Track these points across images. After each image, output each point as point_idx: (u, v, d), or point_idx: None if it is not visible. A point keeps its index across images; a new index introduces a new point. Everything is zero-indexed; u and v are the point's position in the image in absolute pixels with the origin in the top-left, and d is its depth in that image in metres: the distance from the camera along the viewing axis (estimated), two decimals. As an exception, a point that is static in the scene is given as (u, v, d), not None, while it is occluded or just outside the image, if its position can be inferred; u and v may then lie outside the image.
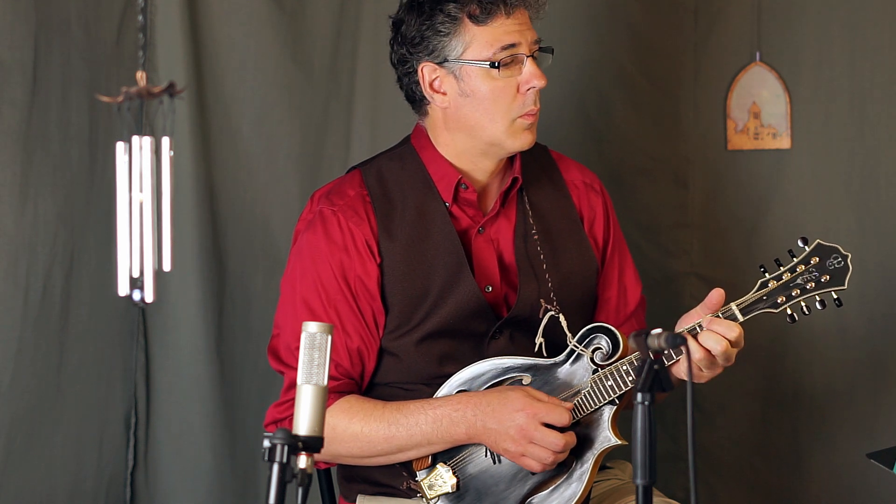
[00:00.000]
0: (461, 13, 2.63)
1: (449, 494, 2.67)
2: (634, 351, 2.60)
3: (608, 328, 2.64)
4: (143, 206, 1.79)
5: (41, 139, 3.01)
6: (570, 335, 2.66)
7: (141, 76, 1.79)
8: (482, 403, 2.62)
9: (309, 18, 3.30)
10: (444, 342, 2.70)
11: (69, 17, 3.05)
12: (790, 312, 2.58)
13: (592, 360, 2.63)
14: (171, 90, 1.78)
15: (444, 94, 2.68)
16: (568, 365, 2.65)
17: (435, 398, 2.67)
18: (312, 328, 2.01)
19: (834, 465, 3.37)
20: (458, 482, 2.67)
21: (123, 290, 1.80)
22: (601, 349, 2.63)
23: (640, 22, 3.40)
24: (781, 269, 2.58)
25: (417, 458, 2.68)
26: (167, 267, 1.81)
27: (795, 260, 2.58)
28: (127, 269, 1.79)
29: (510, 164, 2.78)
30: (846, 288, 2.57)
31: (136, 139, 1.79)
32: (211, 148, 3.26)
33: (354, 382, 2.72)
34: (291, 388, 2.68)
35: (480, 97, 2.66)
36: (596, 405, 2.61)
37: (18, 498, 3.04)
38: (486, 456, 2.67)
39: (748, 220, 3.40)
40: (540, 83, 2.65)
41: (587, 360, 2.63)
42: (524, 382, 2.66)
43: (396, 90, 2.79)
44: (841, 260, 2.57)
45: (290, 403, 2.65)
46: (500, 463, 2.65)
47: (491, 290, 2.72)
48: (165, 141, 1.80)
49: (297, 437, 1.98)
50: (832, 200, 3.35)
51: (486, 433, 2.61)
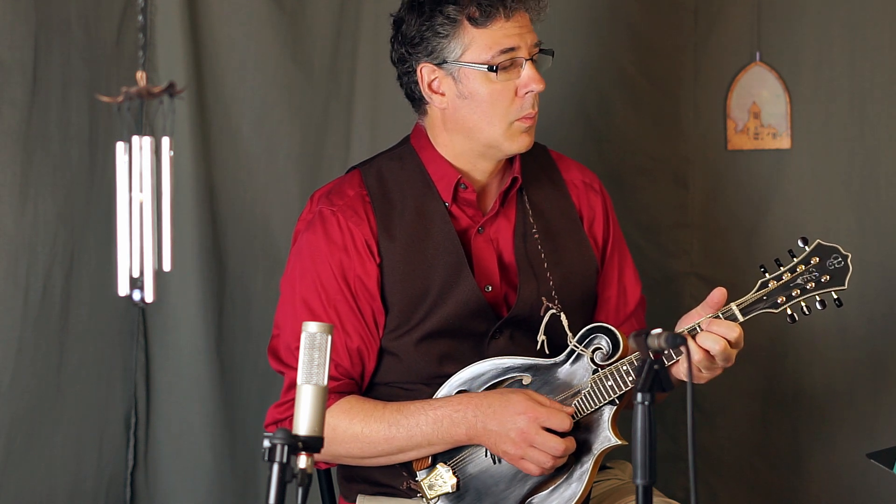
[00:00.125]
0: (460, 15, 2.63)
1: (449, 494, 2.67)
2: (634, 351, 2.60)
3: (608, 328, 2.64)
4: (143, 206, 1.79)
5: (41, 139, 3.01)
6: (570, 334, 2.66)
7: (141, 76, 1.79)
8: (483, 405, 2.62)
9: (309, 18, 3.30)
10: (443, 342, 2.70)
11: (69, 17, 3.04)
12: (790, 312, 2.58)
13: (592, 360, 2.63)
14: (171, 90, 1.78)
15: (442, 94, 2.68)
16: (568, 365, 2.65)
17: (435, 399, 2.67)
18: (312, 328, 2.01)
19: (834, 465, 3.37)
20: (458, 482, 2.67)
21: (123, 290, 1.80)
22: (601, 349, 2.63)
23: (640, 22, 3.40)
24: (781, 269, 2.58)
25: (418, 458, 2.68)
26: (167, 267, 1.81)
27: (795, 260, 2.58)
28: (127, 269, 1.79)
29: (510, 163, 2.78)
30: (846, 288, 2.57)
31: (136, 139, 1.79)
32: (211, 148, 3.26)
33: (354, 382, 2.72)
34: (291, 388, 2.68)
35: (479, 100, 2.65)
36: (596, 405, 2.61)
37: (18, 498, 3.04)
38: (486, 456, 2.66)
39: (748, 220, 3.40)
40: (538, 87, 2.65)
41: (587, 360, 2.63)
42: (524, 382, 2.66)
43: (396, 90, 2.79)
44: (841, 260, 2.57)
45: (290, 403, 2.65)
46: (500, 463, 2.65)
47: (491, 289, 2.72)
48: (165, 141, 1.80)
49: (297, 437, 1.98)
50: (832, 200, 3.35)
51: (486, 434, 2.61)
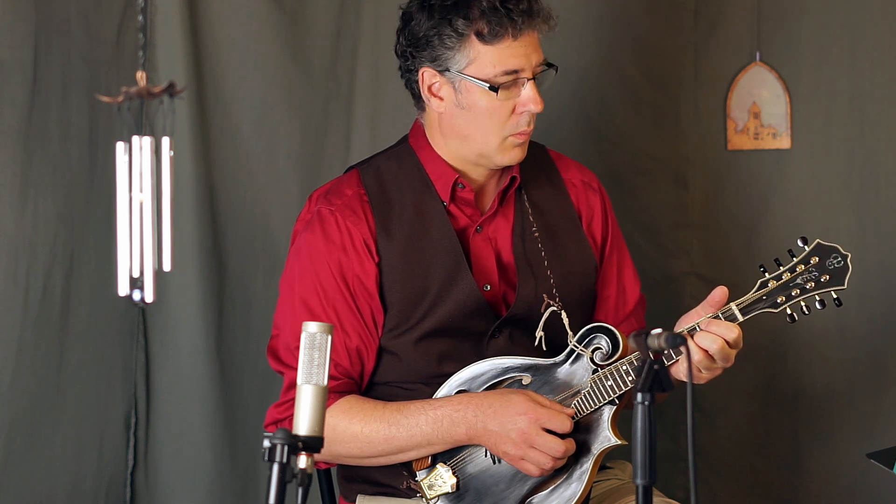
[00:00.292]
0: (469, 30, 2.60)
1: (449, 494, 2.67)
2: (634, 351, 2.60)
3: (608, 328, 2.64)
4: (143, 206, 1.79)
5: (41, 139, 3.01)
6: (570, 334, 2.66)
7: (141, 76, 1.79)
8: (483, 405, 2.62)
9: (309, 18, 3.30)
10: (443, 341, 2.70)
11: (69, 17, 3.04)
12: (790, 312, 2.58)
13: (592, 359, 2.63)
14: (171, 90, 1.78)
15: (441, 99, 2.68)
16: (568, 365, 2.65)
17: (435, 399, 2.67)
18: (312, 328, 2.01)
19: (834, 465, 3.37)
20: (457, 482, 2.67)
21: (123, 290, 1.80)
22: (601, 349, 2.63)
23: (640, 22, 3.40)
24: (781, 268, 2.58)
25: (418, 458, 2.68)
26: (167, 267, 1.81)
27: (795, 260, 2.58)
28: (127, 269, 1.79)
29: (509, 163, 2.78)
30: (846, 287, 2.56)
31: (136, 139, 1.79)
32: (211, 148, 3.26)
33: (354, 382, 2.72)
34: (291, 388, 2.68)
35: (476, 112, 2.64)
36: (596, 405, 2.61)
37: (18, 498, 3.04)
38: (485, 456, 2.66)
39: (748, 220, 3.40)
40: (536, 108, 2.63)
41: (587, 359, 2.63)
42: (524, 382, 2.66)
43: (396, 90, 2.79)
44: (840, 259, 2.57)
45: (289, 403, 2.65)
46: (499, 463, 2.65)
47: (490, 288, 2.72)
48: (165, 141, 1.80)
49: (297, 437, 1.98)
50: (832, 200, 3.35)
51: (486, 435, 2.61)
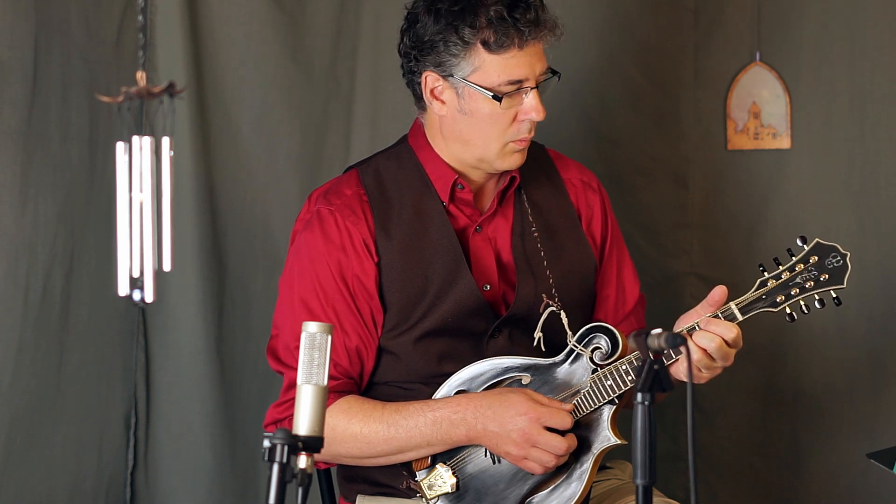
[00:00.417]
0: (475, 38, 2.60)
1: (448, 494, 2.67)
2: (633, 350, 2.60)
3: (607, 328, 2.64)
4: (143, 206, 1.79)
5: (41, 139, 3.01)
6: (570, 333, 2.66)
7: (141, 76, 1.79)
8: (482, 405, 2.61)
9: (309, 18, 3.30)
10: (442, 341, 2.70)
11: (69, 17, 3.04)
12: (789, 311, 2.58)
13: (592, 359, 2.63)
14: (171, 90, 1.78)
15: (443, 102, 2.67)
16: (567, 364, 2.65)
17: (434, 399, 2.67)
18: (312, 328, 2.01)
19: (834, 465, 3.37)
20: (457, 482, 2.67)
21: (123, 290, 1.80)
22: (600, 349, 2.63)
23: (640, 22, 3.40)
24: (780, 268, 2.58)
25: (418, 458, 2.68)
26: (167, 267, 1.81)
27: (794, 259, 2.58)
28: (127, 269, 1.79)
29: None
30: (845, 287, 2.56)
31: (136, 139, 1.79)
32: (211, 148, 3.26)
33: (354, 382, 2.72)
34: (291, 388, 2.68)
35: (478, 118, 2.64)
36: (595, 405, 2.61)
37: (18, 498, 3.04)
38: (485, 456, 2.66)
39: (748, 220, 3.40)
40: (538, 117, 2.63)
41: (586, 359, 2.63)
42: (523, 382, 2.66)
43: (396, 90, 2.79)
44: (840, 259, 2.57)
45: (289, 403, 2.65)
46: (499, 463, 2.65)
47: (489, 288, 2.72)
48: (165, 141, 1.80)
49: (297, 437, 1.98)
50: (832, 200, 3.35)
51: (486, 436, 2.61)
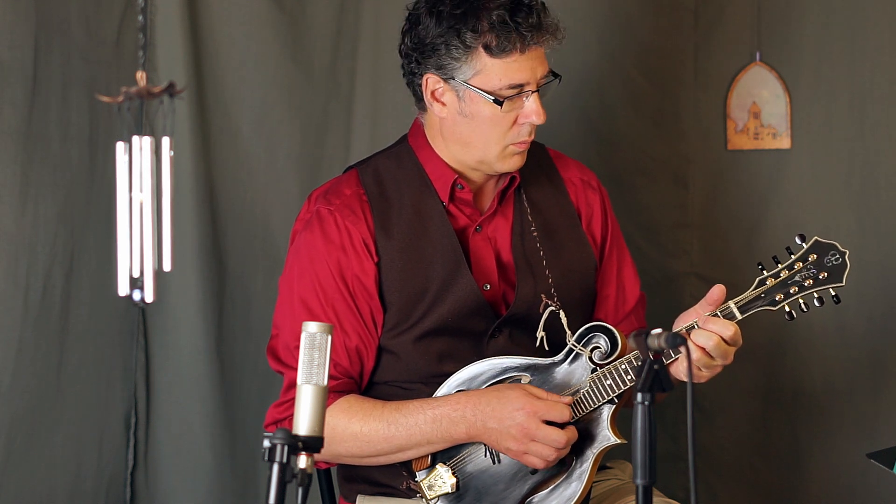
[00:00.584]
0: (477, 42, 2.60)
1: (448, 495, 2.67)
2: (633, 350, 2.60)
3: (606, 327, 2.64)
4: (143, 206, 1.79)
5: (41, 139, 3.01)
6: (569, 333, 2.66)
7: (141, 76, 1.79)
8: (481, 403, 2.62)
9: (309, 18, 3.30)
10: (442, 340, 2.70)
11: (69, 17, 3.05)
12: (788, 310, 2.57)
13: (591, 359, 2.63)
14: (171, 90, 1.78)
15: (443, 104, 2.67)
16: (566, 364, 2.65)
17: (434, 398, 2.67)
18: (312, 328, 2.01)
19: (834, 464, 3.37)
20: (457, 482, 2.67)
21: (123, 290, 1.80)
22: (599, 348, 2.63)
23: (640, 22, 3.40)
24: (779, 266, 2.58)
25: (418, 457, 2.68)
26: (167, 267, 1.81)
27: (793, 257, 2.57)
28: (127, 269, 1.79)
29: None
30: (844, 285, 2.56)
31: (136, 139, 1.79)
32: (211, 148, 3.26)
33: (353, 381, 2.72)
34: (291, 387, 2.68)
35: (479, 121, 2.64)
36: (595, 404, 2.61)
37: (18, 498, 3.04)
38: (485, 456, 2.66)
39: (748, 219, 3.40)
40: (539, 120, 2.63)
41: (586, 359, 2.63)
42: (523, 382, 2.66)
43: (396, 90, 2.79)
44: (839, 257, 2.57)
45: (289, 403, 2.65)
46: (499, 463, 2.65)
47: (489, 288, 2.72)
48: (165, 141, 1.80)
49: (297, 437, 1.98)
50: (832, 200, 3.35)
51: (486, 433, 2.61)
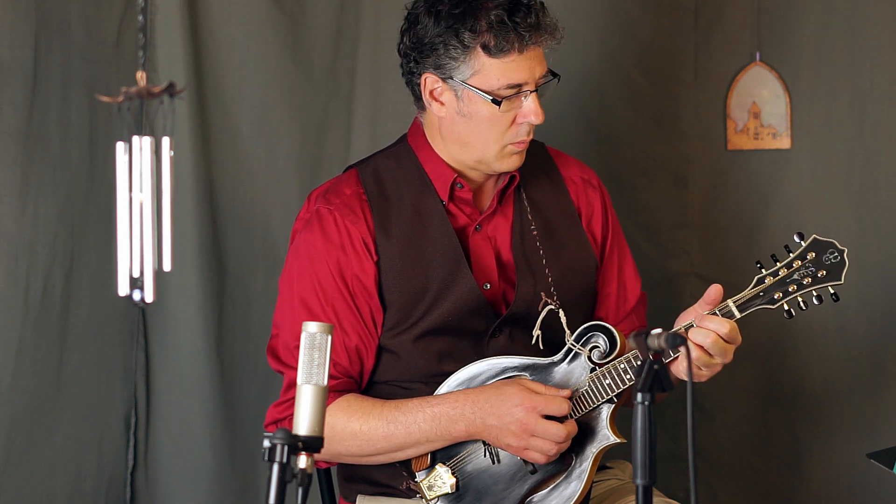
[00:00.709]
0: (475, 42, 2.60)
1: (448, 495, 2.67)
2: (632, 349, 2.60)
3: (606, 326, 2.64)
4: (143, 206, 1.79)
5: (41, 139, 3.01)
6: (568, 332, 2.66)
7: (141, 76, 1.79)
8: (480, 400, 2.62)
9: (309, 18, 3.30)
10: (442, 339, 2.70)
11: (69, 17, 3.05)
12: (787, 308, 2.57)
13: (590, 358, 2.63)
14: (171, 90, 1.78)
15: (442, 104, 2.67)
16: (566, 364, 2.65)
17: (433, 396, 2.67)
18: (312, 328, 2.01)
19: (834, 464, 3.37)
20: (457, 482, 2.67)
21: (123, 290, 1.80)
22: (599, 348, 2.63)
23: (640, 22, 3.40)
24: (778, 265, 2.58)
25: (418, 455, 2.68)
26: (167, 267, 1.81)
27: (792, 255, 2.57)
28: (127, 269, 1.79)
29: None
30: (843, 283, 2.56)
31: (136, 139, 1.79)
32: (211, 148, 3.26)
33: (353, 381, 2.72)
34: (291, 387, 2.68)
35: (477, 120, 2.64)
36: (594, 404, 2.61)
37: (18, 498, 3.04)
38: (485, 456, 2.66)
39: (748, 219, 3.40)
40: (537, 120, 2.64)
41: (585, 358, 2.63)
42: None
43: (396, 90, 2.79)
44: (837, 255, 2.57)
45: (289, 403, 2.65)
46: (499, 463, 2.65)
47: (489, 287, 2.72)
48: (165, 141, 1.80)
49: (297, 437, 1.98)
50: (832, 200, 3.35)
51: (486, 430, 2.61)
